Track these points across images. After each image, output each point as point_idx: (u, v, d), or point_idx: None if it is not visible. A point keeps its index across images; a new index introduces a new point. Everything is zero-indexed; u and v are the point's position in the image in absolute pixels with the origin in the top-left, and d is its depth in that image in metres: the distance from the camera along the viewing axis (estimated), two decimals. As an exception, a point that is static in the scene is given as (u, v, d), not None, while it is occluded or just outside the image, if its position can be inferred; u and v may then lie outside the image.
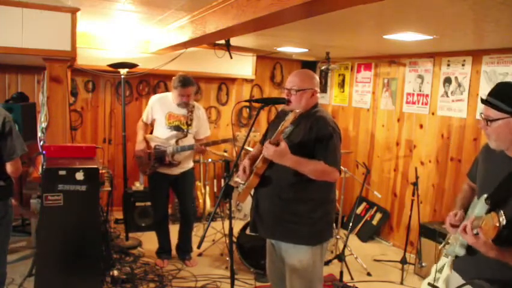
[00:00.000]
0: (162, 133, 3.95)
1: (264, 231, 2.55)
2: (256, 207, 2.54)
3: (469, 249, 1.84)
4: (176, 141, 3.90)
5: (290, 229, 2.42)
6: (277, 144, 2.30)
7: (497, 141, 1.80)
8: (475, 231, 1.68)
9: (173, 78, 3.91)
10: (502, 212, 1.62)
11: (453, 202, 4.33)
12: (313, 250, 2.44)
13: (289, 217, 2.42)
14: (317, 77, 2.58)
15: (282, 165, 2.34)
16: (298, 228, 2.41)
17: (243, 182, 2.52)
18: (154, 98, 4.09)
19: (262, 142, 2.62)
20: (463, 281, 1.91)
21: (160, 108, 3.97)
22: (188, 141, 3.94)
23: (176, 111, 3.94)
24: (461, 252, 1.87)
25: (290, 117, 2.33)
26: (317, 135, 2.37)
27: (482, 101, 1.81)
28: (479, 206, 1.81)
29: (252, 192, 2.62)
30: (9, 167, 2.73)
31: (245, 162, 2.54)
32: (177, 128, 3.93)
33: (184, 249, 4.18)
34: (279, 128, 2.34)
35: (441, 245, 2.14)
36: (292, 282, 2.48)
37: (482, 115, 1.82)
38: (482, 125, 1.84)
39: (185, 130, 3.94)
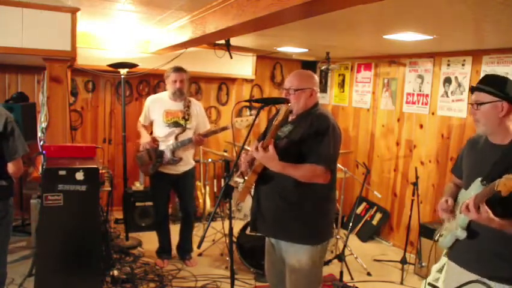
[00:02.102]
0: (161, 132, 3.95)
1: (265, 230, 2.55)
2: (258, 206, 2.53)
3: (470, 232, 1.94)
4: (176, 137, 3.90)
5: (291, 228, 2.42)
6: (267, 147, 2.29)
7: (485, 125, 1.94)
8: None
9: (165, 73, 3.98)
10: None
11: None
12: (313, 250, 2.43)
13: (290, 216, 2.42)
14: (316, 77, 2.57)
15: None
16: (298, 228, 2.41)
17: (241, 181, 2.52)
18: (149, 99, 4.10)
19: (260, 139, 2.61)
20: (461, 270, 1.99)
21: (156, 108, 3.98)
22: (188, 136, 3.94)
23: (173, 107, 3.95)
24: (463, 235, 1.97)
25: (282, 111, 2.32)
26: (317, 130, 2.37)
27: (473, 88, 1.97)
28: (474, 188, 1.91)
29: (252, 191, 2.62)
30: (10, 167, 2.74)
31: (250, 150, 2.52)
32: (176, 124, 3.93)
33: (185, 249, 4.18)
34: (274, 122, 2.33)
35: (436, 238, 2.20)
36: (291, 283, 2.48)
37: (472, 102, 1.97)
38: (472, 111, 1.98)
39: (183, 125, 3.93)
